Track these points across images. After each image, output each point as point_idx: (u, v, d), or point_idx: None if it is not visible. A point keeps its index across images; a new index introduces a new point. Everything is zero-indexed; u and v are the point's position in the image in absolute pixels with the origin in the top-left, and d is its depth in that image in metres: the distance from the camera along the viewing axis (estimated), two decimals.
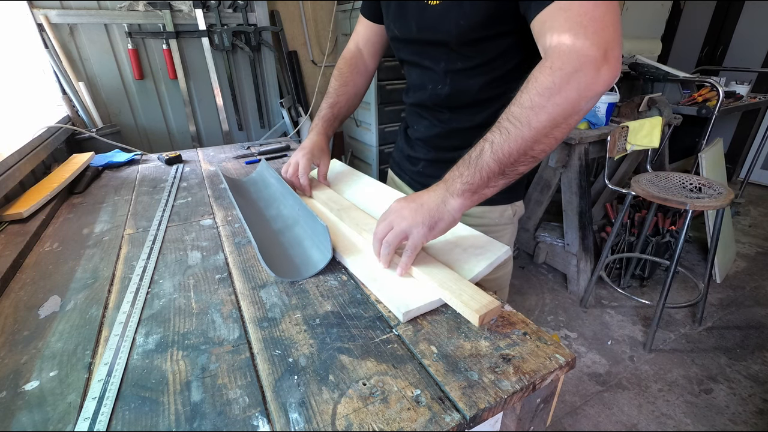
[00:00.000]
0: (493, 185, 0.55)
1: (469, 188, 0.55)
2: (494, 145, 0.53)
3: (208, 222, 0.81)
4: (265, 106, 2.22)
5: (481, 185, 0.55)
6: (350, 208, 0.76)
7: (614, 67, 0.50)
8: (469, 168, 0.55)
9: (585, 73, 0.49)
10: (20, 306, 0.56)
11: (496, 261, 0.58)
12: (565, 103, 0.50)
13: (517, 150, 0.52)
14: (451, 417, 0.38)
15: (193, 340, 0.48)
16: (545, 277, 2.21)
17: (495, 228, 0.81)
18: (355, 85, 0.92)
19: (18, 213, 0.80)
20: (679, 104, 2.28)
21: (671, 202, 1.49)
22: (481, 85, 0.71)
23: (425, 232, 0.56)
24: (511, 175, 0.55)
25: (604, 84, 0.50)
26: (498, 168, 0.53)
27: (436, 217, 0.56)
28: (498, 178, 0.54)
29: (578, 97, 0.50)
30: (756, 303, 1.99)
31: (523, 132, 0.51)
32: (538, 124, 0.51)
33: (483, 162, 0.54)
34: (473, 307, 0.48)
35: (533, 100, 0.51)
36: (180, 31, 1.83)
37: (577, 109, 0.51)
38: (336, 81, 0.91)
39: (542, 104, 0.50)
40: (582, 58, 0.49)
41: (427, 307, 0.52)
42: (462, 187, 0.55)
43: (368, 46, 0.92)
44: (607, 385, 1.54)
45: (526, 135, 0.51)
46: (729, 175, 3.22)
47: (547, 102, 0.50)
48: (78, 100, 1.65)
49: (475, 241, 0.62)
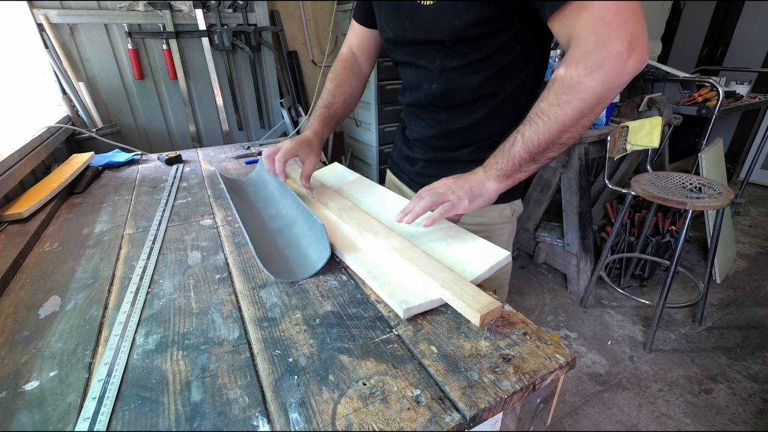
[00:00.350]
0: (525, 170, 0.62)
1: (503, 174, 0.62)
2: (525, 137, 0.59)
3: (208, 222, 0.81)
4: (265, 106, 2.22)
5: (513, 171, 0.62)
6: (351, 209, 0.76)
7: (641, 55, 0.52)
8: (504, 156, 0.62)
9: (611, 66, 0.52)
10: (20, 306, 0.56)
11: (497, 265, 0.58)
12: (591, 97, 0.54)
13: (546, 141, 0.58)
14: (451, 417, 0.38)
15: (193, 340, 0.48)
16: (545, 277, 2.21)
17: (494, 227, 0.82)
18: (350, 87, 0.91)
19: (18, 213, 0.80)
20: (679, 104, 2.28)
21: (671, 202, 1.49)
22: (477, 82, 0.71)
23: (466, 201, 0.63)
24: (541, 160, 0.61)
25: (630, 73, 0.52)
26: (528, 156, 0.60)
27: (477, 193, 0.63)
28: (529, 164, 0.61)
29: (604, 90, 0.53)
30: (756, 303, 1.99)
31: (550, 126, 0.57)
32: (564, 118, 0.56)
33: (515, 151, 0.60)
34: (475, 307, 0.48)
35: (560, 97, 0.55)
36: (180, 31, 1.83)
37: (603, 99, 0.54)
38: (331, 83, 0.90)
39: (568, 100, 0.55)
40: (607, 53, 0.51)
41: (427, 305, 0.52)
42: (497, 173, 0.63)
43: (362, 49, 0.92)
44: (607, 385, 1.54)
45: (553, 128, 0.57)
46: (729, 175, 3.22)
47: (573, 98, 0.54)
48: (78, 100, 1.65)
49: (476, 246, 0.63)
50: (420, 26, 0.69)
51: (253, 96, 2.15)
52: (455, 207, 0.63)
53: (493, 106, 0.73)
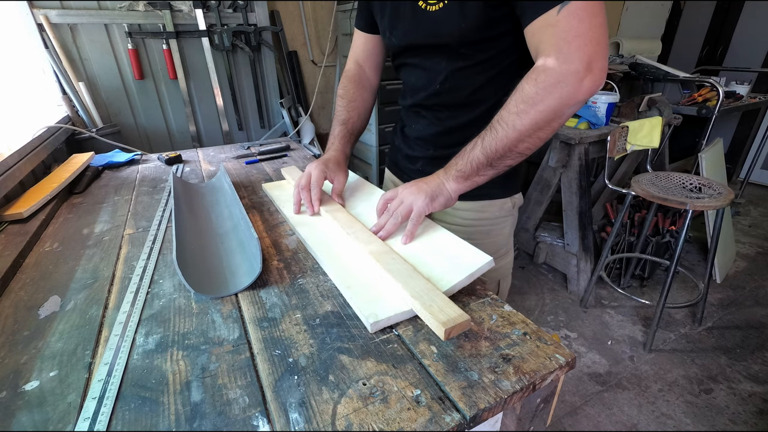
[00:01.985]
0: (483, 174, 0.65)
1: (462, 175, 0.65)
2: (484, 142, 0.62)
3: None
4: (265, 106, 2.22)
5: (471, 174, 0.65)
6: (337, 210, 0.76)
7: (598, 77, 0.55)
8: (463, 159, 0.65)
9: (567, 84, 0.54)
10: (20, 306, 0.56)
11: (477, 272, 0.57)
12: (547, 110, 0.56)
13: (503, 148, 0.61)
14: (451, 417, 0.38)
15: (193, 340, 0.48)
16: (545, 277, 2.21)
17: (496, 220, 0.83)
18: (363, 100, 0.91)
19: (18, 213, 0.80)
20: (679, 104, 2.28)
21: (671, 202, 1.49)
22: (481, 82, 0.72)
23: (428, 202, 0.65)
24: (499, 167, 0.64)
25: (586, 93, 0.55)
26: (486, 161, 0.63)
27: (437, 192, 0.66)
28: (486, 168, 0.64)
29: (560, 105, 0.56)
30: (756, 303, 1.99)
31: (508, 133, 0.60)
32: (521, 127, 0.58)
33: (474, 155, 0.63)
34: (440, 320, 0.46)
35: (518, 106, 0.58)
36: (180, 31, 1.83)
37: (559, 114, 0.57)
38: (343, 99, 0.90)
39: (526, 110, 0.58)
40: (565, 70, 0.54)
41: (397, 317, 0.50)
42: (456, 174, 0.65)
43: (369, 60, 0.91)
44: (607, 385, 1.54)
45: (511, 135, 0.59)
46: (729, 175, 3.22)
47: (530, 109, 0.57)
48: (78, 100, 1.65)
49: (459, 251, 0.61)
50: (426, 31, 0.70)
51: (253, 96, 2.15)
52: (421, 213, 0.66)
53: (494, 102, 0.73)
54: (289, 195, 0.89)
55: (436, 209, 0.67)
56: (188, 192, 0.91)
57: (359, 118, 0.91)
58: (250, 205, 0.89)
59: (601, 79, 0.55)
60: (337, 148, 0.86)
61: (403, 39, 0.76)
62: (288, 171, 0.98)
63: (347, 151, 0.89)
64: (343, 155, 0.87)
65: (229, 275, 0.61)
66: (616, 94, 1.94)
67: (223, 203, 0.87)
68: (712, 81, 2.16)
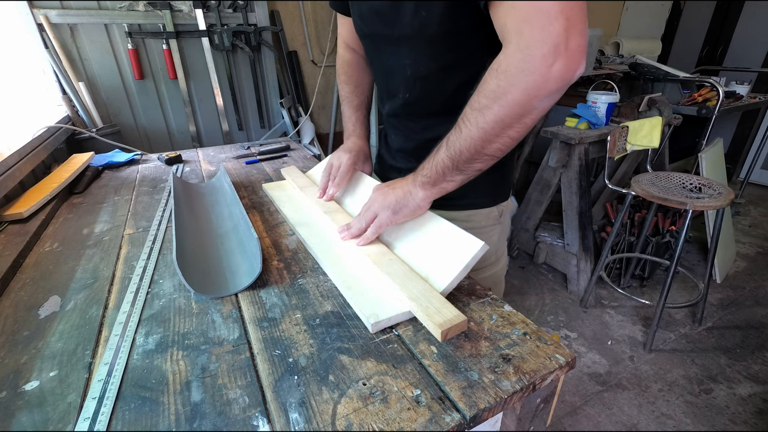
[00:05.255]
0: (450, 179, 0.58)
1: (428, 181, 0.59)
2: (449, 143, 0.56)
3: None
4: (265, 106, 2.22)
5: (438, 179, 0.58)
6: (336, 211, 0.76)
7: (572, 60, 0.44)
8: (429, 163, 0.59)
9: (532, 72, 0.45)
10: (20, 306, 0.56)
11: (472, 261, 0.55)
12: (512, 104, 0.48)
13: (468, 149, 0.54)
14: (451, 417, 0.38)
15: (193, 340, 0.48)
16: (545, 277, 2.21)
17: (483, 230, 0.80)
18: (367, 83, 0.90)
19: (18, 213, 0.80)
20: (679, 104, 2.28)
21: (671, 202, 1.49)
22: (451, 90, 0.67)
23: (389, 215, 0.62)
24: (468, 171, 0.57)
25: (558, 81, 0.45)
26: (452, 164, 0.56)
27: (401, 204, 0.61)
28: (454, 173, 0.57)
29: (526, 97, 0.47)
30: (756, 303, 1.99)
31: (471, 132, 0.52)
32: (485, 125, 0.51)
33: (439, 158, 0.57)
34: (437, 321, 0.46)
35: (480, 102, 0.51)
36: (180, 31, 1.83)
37: (527, 109, 0.48)
38: (348, 85, 0.88)
39: (489, 106, 0.50)
40: (528, 58, 0.45)
41: (398, 318, 0.50)
42: (422, 180, 0.59)
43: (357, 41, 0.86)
44: (607, 385, 1.54)
45: (475, 135, 0.52)
46: (729, 175, 3.22)
47: (493, 104, 0.49)
48: (78, 100, 1.65)
49: (451, 238, 0.59)
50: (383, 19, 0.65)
51: (253, 96, 2.15)
52: (381, 226, 0.62)
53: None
54: (289, 195, 0.89)
55: (400, 222, 0.63)
56: (188, 192, 0.91)
57: (368, 100, 0.91)
58: (250, 205, 0.89)
59: (577, 62, 0.45)
60: (360, 135, 0.87)
61: (364, 26, 0.71)
62: (288, 171, 0.98)
63: (368, 136, 0.89)
64: (368, 144, 0.88)
65: (229, 275, 0.61)
66: (616, 94, 1.94)
67: (223, 203, 0.87)
68: (712, 81, 2.16)
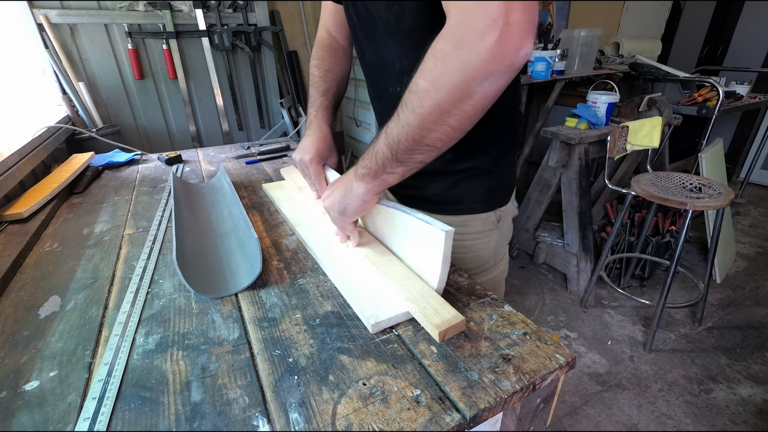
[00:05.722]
0: (391, 171, 0.53)
1: (368, 173, 0.54)
2: (388, 131, 0.51)
3: None
4: (265, 106, 2.22)
5: (378, 171, 0.53)
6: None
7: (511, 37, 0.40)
8: (369, 153, 0.54)
9: (468, 49, 0.41)
10: (20, 306, 0.56)
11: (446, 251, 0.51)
12: (449, 87, 0.43)
13: (406, 137, 0.49)
14: (451, 417, 0.38)
15: (193, 340, 0.48)
16: (545, 277, 2.21)
17: (479, 235, 0.78)
18: (341, 71, 0.85)
19: (18, 213, 0.80)
20: (679, 104, 2.28)
21: (671, 202, 1.49)
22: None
23: (338, 216, 0.60)
24: (408, 163, 0.52)
25: (497, 60, 0.41)
26: (391, 154, 0.51)
27: (345, 203, 0.58)
28: (394, 164, 0.52)
29: (464, 79, 0.42)
30: (756, 303, 1.99)
31: (409, 118, 0.48)
32: (422, 110, 0.46)
33: (378, 147, 0.52)
34: (434, 322, 0.46)
35: (418, 84, 0.46)
36: (180, 31, 1.83)
37: (466, 92, 0.43)
38: (319, 69, 0.83)
39: (426, 89, 0.45)
40: (464, 34, 0.41)
41: (398, 318, 0.50)
42: (362, 171, 0.55)
43: (341, 31, 0.85)
44: (607, 385, 1.54)
45: (412, 121, 0.47)
46: (729, 175, 3.22)
47: (430, 87, 0.45)
48: (78, 100, 1.65)
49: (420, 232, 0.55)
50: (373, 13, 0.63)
51: (253, 96, 2.15)
52: (341, 227, 0.61)
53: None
54: (290, 195, 0.89)
55: (352, 219, 0.60)
56: (188, 192, 0.91)
57: (338, 88, 0.85)
58: (250, 205, 0.89)
59: (519, 38, 0.40)
60: (323, 120, 0.81)
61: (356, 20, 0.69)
62: (288, 171, 0.98)
63: (332, 125, 0.82)
64: (331, 132, 0.81)
65: (229, 275, 0.61)
66: (616, 94, 1.94)
67: (223, 203, 0.87)
68: (712, 81, 2.16)
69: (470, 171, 0.72)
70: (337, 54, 0.85)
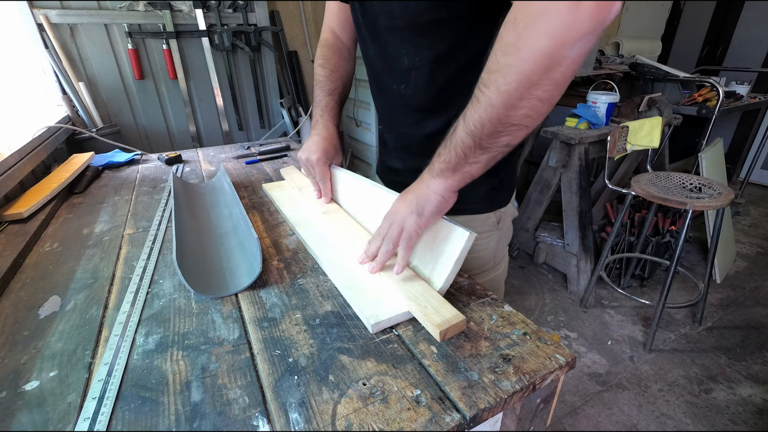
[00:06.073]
0: (474, 161, 0.50)
1: (448, 167, 0.52)
2: (466, 118, 0.48)
3: None
4: (265, 106, 2.22)
5: (460, 162, 0.50)
6: (336, 211, 0.75)
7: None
8: (446, 147, 0.52)
9: (556, 13, 0.39)
10: (20, 306, 0.56)
11: (462, 253, 0.52)
12: (537, 55, 0.40)
13: (490, 119, 0.46)
14: (451, 417, 0.38)
15: (193, 340, 0.48)
16: (545, 277, 2.21)
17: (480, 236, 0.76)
18: (345, 70, 0.85)
19: (18, 213, 0.80)
20: (679, 104, 2.28)
21: (671, 202, 1.49)
22: (444, 81, 0.64)
23: (416, 219, 0.54)
24: (493, 149, 0.49)
25: (590, 19, 0.38)
26: (473, 142, 0.48)
27: (423, 201, 0.54)
28: (477, 152, 0.49)
29: (553, 44, 0.39)
30: (756, 303, 1.99)
31: (491, 98, 0.45)
32: (507, 86, 0.43)
33: (457, 137, 0.50)
34: (435, 321, 0.46)
35: (499, 61, 0.43)
36: (180, 31, 1.83)
37: (556, 59, 0.40)
38: (324, 69, 0.83)
39: (508, 64, 0.42)
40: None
41: (398, 318, 0.51)
42: (440, 166, 0.52)
43: (345, 30, 0.85)
44: (607, 385, 1.54)
45: (496, 101, 0.44)
46: (729, 175, 3.22)
47: (513, 59, 0.42)
48: (78, 100, 1.65)
49: (439, 231, 0.57)
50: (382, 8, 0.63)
51: (253, 96, 2.15)
52: (412, 236, 0.55)
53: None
54: (290, 195, 0.89)
55: (431, 222, 0.56)
56: (188, 192, 0.91)
57: (343, 88, 0.84)
58: (250, 205, 0.89)
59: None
60: (329, 120, 0.81)
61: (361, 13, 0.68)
62: (288, 171, 0.98)
63: (337, 125, 0.83)
64: (337, 132, 0.81)
65: (229, 275, 0.61)
66: (616, 94, 1.94)
67: (223, 203, 0.87)
68: (712, 81, 2.16)
69: None
70: (342, 54, 0.85)
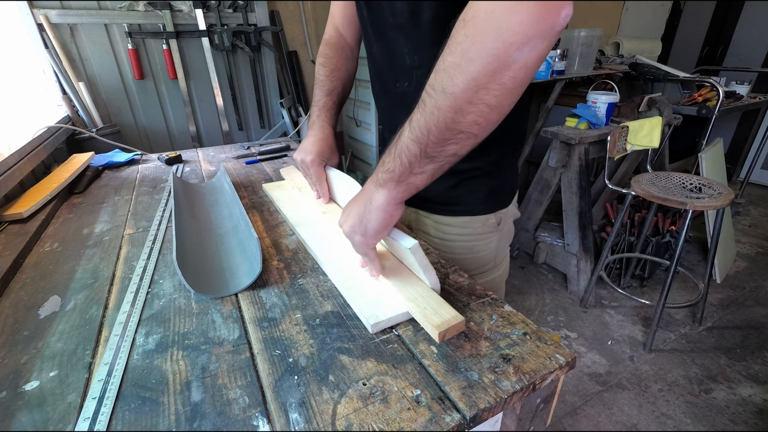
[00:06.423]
0: (420, 171, 0.46)
1: (391, 177, 0.47)
2: (412, 123, 0.44)
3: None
4: (265, 106, 2.22)
5: (404, 172, 0.46)
6: (336, 212, 0.76)
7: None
8: (390, 153, 0.47)
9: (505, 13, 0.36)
10: (20, 306, 0.56)
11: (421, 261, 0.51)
12: (485, 56, 0.38)
13: (436, 125, 0.42)
14: (451, 417, 0.38)
15: (193, 340, 0.48)
16: (545, 277, 2.21)
17: (479, 236, 0.78)
18: (346, 70, 0.84)
19: (18, 213, 0.80)
20: (679, 104, 2.28)
21: (671, 202, 1.49)
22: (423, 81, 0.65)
23: (361, 239, 0.52)
24: (440, 158, 0.45)
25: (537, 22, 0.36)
26: (419, 149, 0.44)
27: (365, 221, 0.51)
28: (423, 161, 0.45)
29: (501, 46, 0.37)
30: (756, 303, 1.99)
31: (438, 101, 0.41)
32: (453, 88, 0.40)
33: (402, 144, 0.45)
34: (434, 322, 0.46)
35: (446, 60, 0.41)
36: (180, 31, 1.83)
37: (504, 62, 0.38)
38: (325, 68, 0.82)
39: (456, 63, 0.40)
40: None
41: (398, 318, 0.50)
42: (384, 176, 0.48)
43: (349, 28, 0.84)
44: (607, 385, 1.54)
45: (443, 104, 0.41)
46: (729, 175, 3.22)
47: (462, 61, 0.39)
48: (78, 100, 1.65)
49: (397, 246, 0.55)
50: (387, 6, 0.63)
51: (253, 96, 2.15)
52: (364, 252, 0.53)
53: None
54: (290, 195, 0.89)
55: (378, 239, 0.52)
56: (188, 192, 0.91)
57: (343, 88, 0.83)
58: (250, 205, 0.89)
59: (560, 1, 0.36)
60: (325, 122, 0.79)
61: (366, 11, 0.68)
62: (288, 171, 0.98)
63: (334, 126, 0.81)
64: (333, 133, 0.79)
65: (229, 275, 0.61)
66: (616, 94, 1.94)
67: (223, 203, 0.87)
68: (712, 81, 2.16)
69: (471, 172, 0.72)
70: (344, 53, 0.84)
